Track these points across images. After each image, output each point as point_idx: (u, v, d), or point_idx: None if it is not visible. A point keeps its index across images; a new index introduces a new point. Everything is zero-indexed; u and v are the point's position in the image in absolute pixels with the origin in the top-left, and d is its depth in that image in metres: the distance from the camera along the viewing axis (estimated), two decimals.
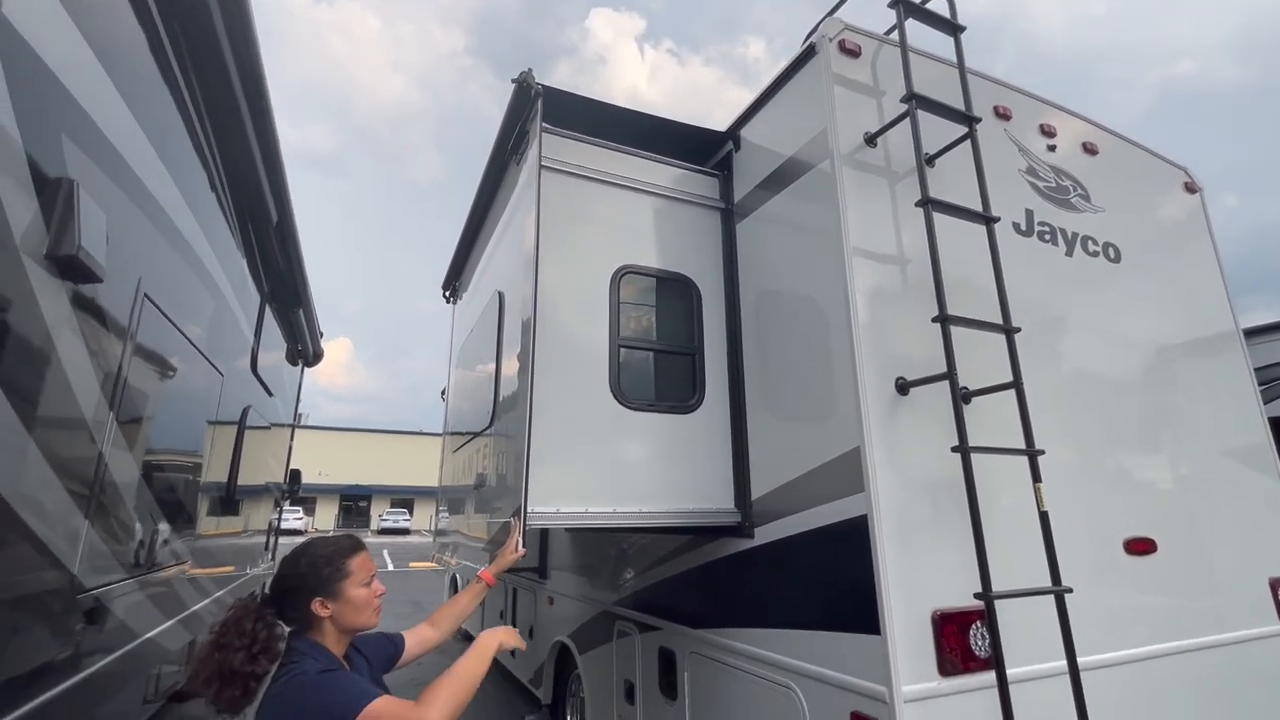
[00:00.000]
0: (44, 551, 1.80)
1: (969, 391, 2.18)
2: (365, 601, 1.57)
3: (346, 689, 1.40)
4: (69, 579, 1.93)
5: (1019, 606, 2.03)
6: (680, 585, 3.05)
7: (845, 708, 1.98)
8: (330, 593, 1.53)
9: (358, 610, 1.56)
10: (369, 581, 1.59)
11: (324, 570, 1.54)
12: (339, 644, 1.57)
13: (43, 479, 1.75)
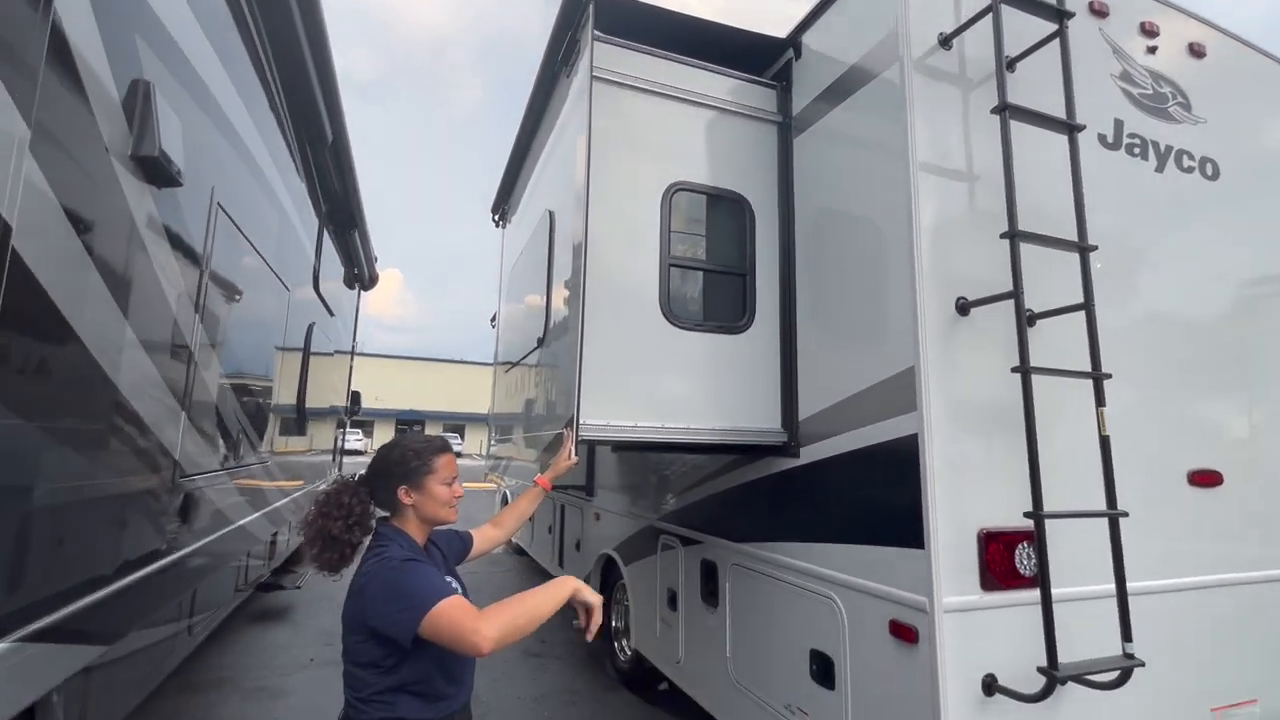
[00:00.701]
0: (153, 439, 2.01)
1: (1034, 314, 2.09)
2: (445, 498, 1.66)
3: (424, 581, 1.48)
4: (173, 464, 2.16)
5: (1067, 530, 2.02)
6: (723, 502, 3.15)
7: (884, 616, 2.05)
8: (415, 484, 1.63)
9: (437, 505, 1.65)
10: (450, 482, 1.68)
11: (412, 463, 1.64)
12: (419, 533, 1.68)
13: (147, 374, 1.93)
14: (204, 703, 4.03)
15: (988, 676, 1.90)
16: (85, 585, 1.86)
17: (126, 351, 1.82)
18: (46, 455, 1.61)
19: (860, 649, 2.16)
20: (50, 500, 1.66)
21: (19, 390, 1.43)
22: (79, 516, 1.81)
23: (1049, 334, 2.12)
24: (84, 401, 1.73)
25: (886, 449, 2.12)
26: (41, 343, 1.52)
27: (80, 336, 1.62)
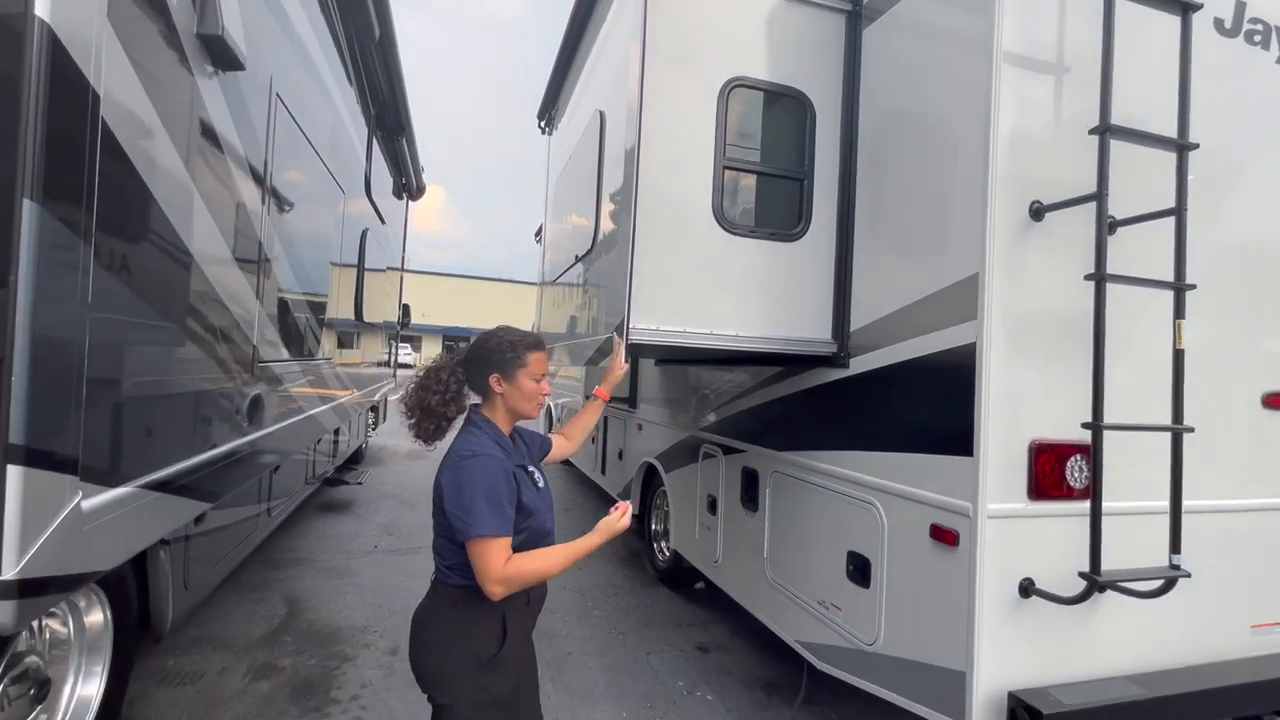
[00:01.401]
0: (232, 322, 2.17)
1: (1115, 220, 1.97)
2: (532, 393, 1.70)
3: (481, 503, 1.50)
4: (252, 349, 2.32)
5: (1121, 446, 1.98)
6: (767, 414, 3.18)
7: (925, 521, 2.09)
8: (506, 374, 1.68)
9: (524, 398, 1.69)
10: (539, 379, 1.71)
11: (507, 354, 1.68)
12: (505, 423, 1.73)
13: (222, 256, 2.06)
14: (285, 577, 4.48)
15: (1025, 580, 1.94)
16: (186, 449, 2.08)
17: (201, 230, 1.95)
18: (148, 330, 1.76)
19: (898, 551, 2.22)
20: (154, 373, 1.82)
21: (120, 260, 1.55)
22: (178, 388, 2.01)
23: (1129, 244, 1.99)
24: (172, 275, 1.89)
25: (941, 359, 2.09)
26: (132, 216, 1.63)
27: (163, 209, 1.74)
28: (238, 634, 3.55)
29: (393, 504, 6.84)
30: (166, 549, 2.48)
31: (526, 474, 1.69)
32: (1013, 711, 1.85)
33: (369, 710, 2.87)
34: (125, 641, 2.28)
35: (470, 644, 1.55)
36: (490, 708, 1.57)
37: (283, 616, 3.82)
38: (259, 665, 3.22)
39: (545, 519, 1.67)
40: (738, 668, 3.49)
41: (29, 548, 1.10)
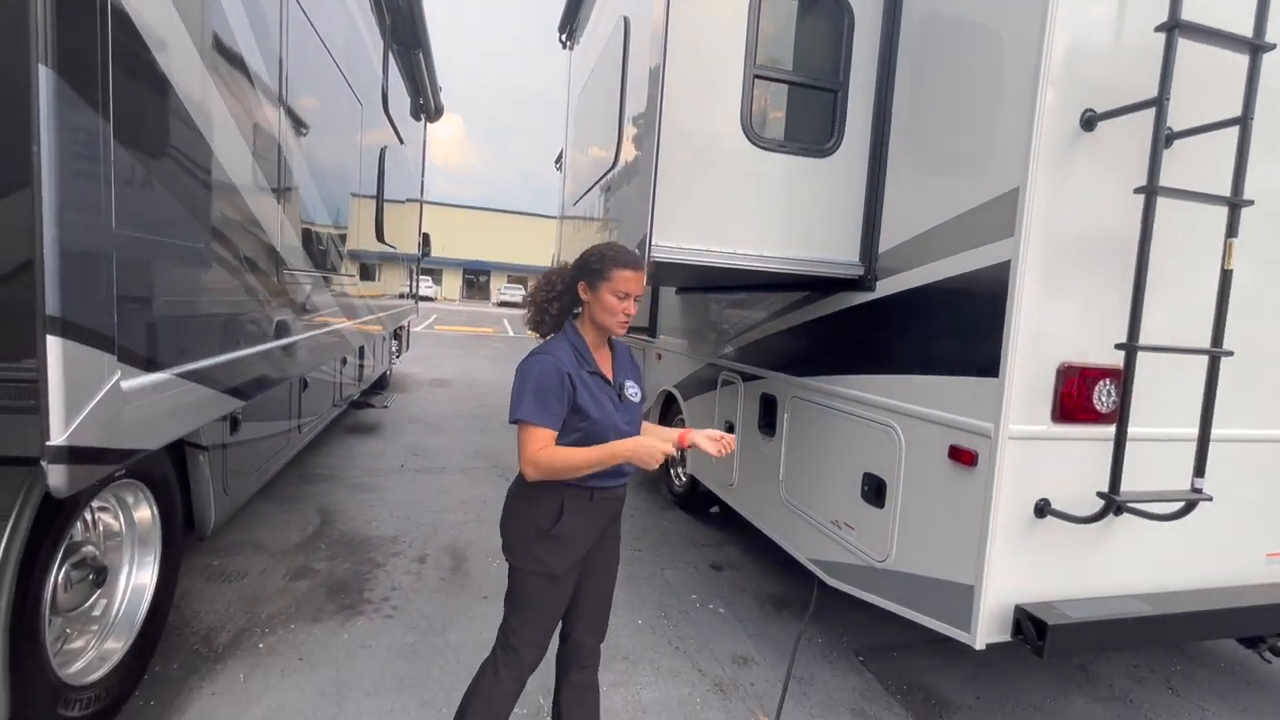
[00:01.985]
0: (253, 223, 2.21)
1: (1173, 133, 1.84)
2: (611, 307, 1.72)
3: (530, 394, 1.64)
4: (275, 255, 2.36)
5: (1155, 371, 1.94)
6: (787, 340, 3.16)
7: (944, 442, 2.09)
8: (592, 284, 1.73)
9: (604, 310, 1.73)
10: (623, 297, 1.72)
11: (597, 265, 1.73)
12: (594, 334, 1.79)
13: (240, 156, 2.07)
14: (317, 491, 4.70)
15: (1041, 501, 1.95)
16: (216, 345, 2.18)
17: (219, 121, 1.97)
18: (169, 217, 1.80)
19: (914, 471, 2.23)
20: (179, 263, 1.88)
21: (137, 141, 1.57)
22: (204, 283, 2.08)
23: (1184, 158, 1.88)
24: (190, 165, 1.91)
25: (972, 279, 2.03)
26: (147, 100, 1.63)
27: (179, 96, 1.76)
28: (276, 540, 3.76)
29: (417, 428, 7.05)
30: (205, 455, 2.61)
31: (597, 378, 1.75)
32: (1018, 623, 1.91)
33: (399, 610, 3.06)
34: (173, 538, 2.43)
35: (531, 517, 1.73)
36: (542, 578, 1.73)
37: (316, 526, 4.02)
38: (297, 567, 3.43)
39: (607, 429, 1.70)
40: (749, 584, 3.62)
41: (75, 417, 1.16)
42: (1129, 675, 2.94)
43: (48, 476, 1.18)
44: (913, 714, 2.54)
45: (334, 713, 2.29)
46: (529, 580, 1.75)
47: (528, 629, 1.78)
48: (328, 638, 2.77)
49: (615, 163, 2.96)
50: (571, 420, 1.68)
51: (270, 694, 2.37)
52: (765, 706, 2.52)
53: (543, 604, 1.78)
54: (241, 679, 2.44)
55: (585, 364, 1.74)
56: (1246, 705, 2.77)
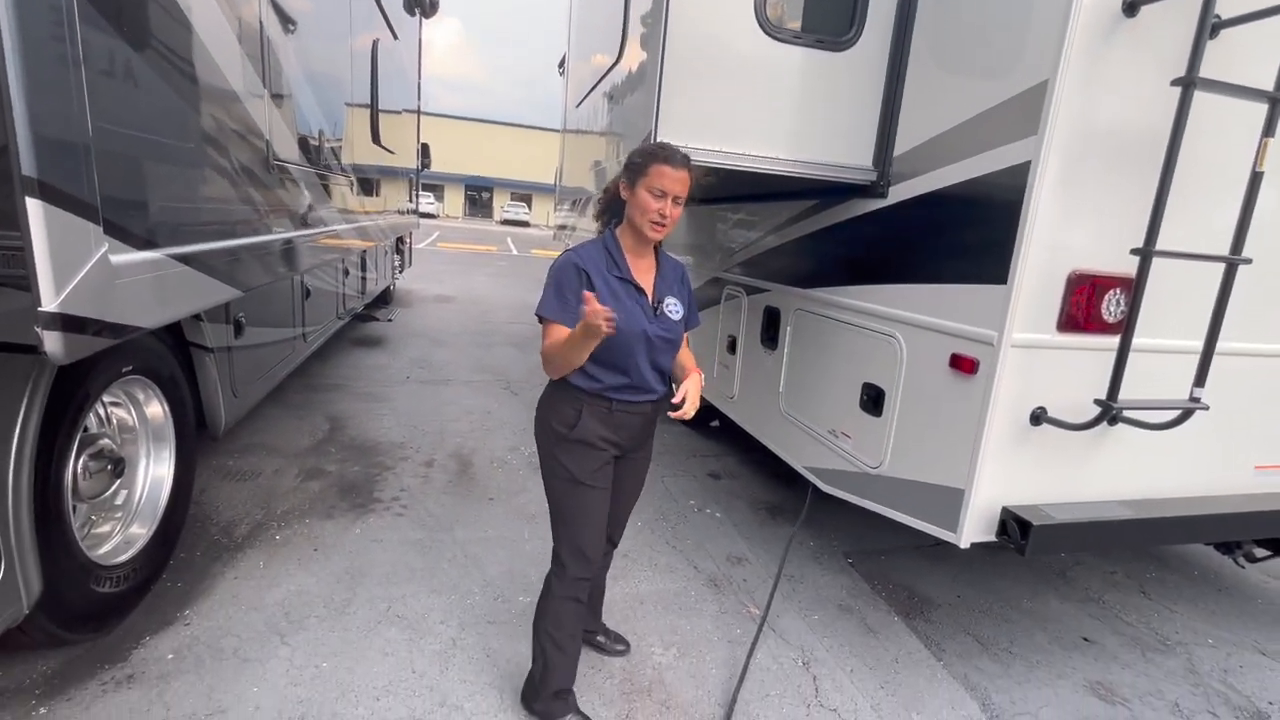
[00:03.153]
0: (239, 107, 2.13)
1: (1220, 20, 1.71)
2: (645, 205, 1.61)
3: (554, 294, 1.65)
4: (265, 143, 2.29)
5: (1167, 282, 1.90)
6: (793, 252, 3.10)
7: (946, 350, 2.09)
8: (631, 181, 1.65)
9: (639, 211, 1.63)
10: (659, 195, 1.60)
11: (638, 159, 1.64)
12: (634, 242, 1.70)
13: (225, 39, 1.97)
14: (325, 399, 4.79)
15: (1038, 409, 1.96)
16: (207, 230, 2.17)
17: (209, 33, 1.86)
18: (147, 85, 1.73)
19: (914, 380, 2.24)
20: (159, 134, 1.83)
21: (112, 12, 1.48)
22: (189, 161, 2.04)
23: (1229, 50, 1.75)
24: (168, 33, 1.82)
25: (988, 182, 1.95)
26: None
27: None
28: (288, 443, 3.87)
29: (422, 342, 7.09)
30: (211, 356, 2.64)
31: (627, 287, 1.68)
32: (1004, 524, 1.97)
33: (408, 509, 3.19)
34: (186, 435, 2.50)
35: (552, 421, 1.75)
36: (566, 482, 1.76)
37: (326, 431, 4.13)
38: (309, 468, 3.55)
39: (631, 334, 1.63)
40: (745, 492, 3.75)
41: (64, 284, 1.17)
42: (1104, 580, 3.08)
43: (43, 343, 1.18)
44: (896, 610, 2.69)
45: (349, 597, 2.43)
46: (555, 485, 1.79)
47: (567, 537, 1.79)
48: (341, 532, 2.90)
49: (619, 58, 2.79)
50: None
51: (289, 579, 2.51)
52: (756, 600, 2.66)
53: (574, 510, 1.76)
54: (261, 565, 2.59)
55: (615, 269, 1.68)
56: (1214, 609, 2.92)
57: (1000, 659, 2.43)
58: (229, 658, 2.06)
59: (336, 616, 2.31)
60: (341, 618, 2.31)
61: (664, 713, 2.01)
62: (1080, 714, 2.18)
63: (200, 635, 2.15)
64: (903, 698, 2.18)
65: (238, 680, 1.97)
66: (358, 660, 2.10)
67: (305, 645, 2.15)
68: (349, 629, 2.25)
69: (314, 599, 2.40)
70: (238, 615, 2.27)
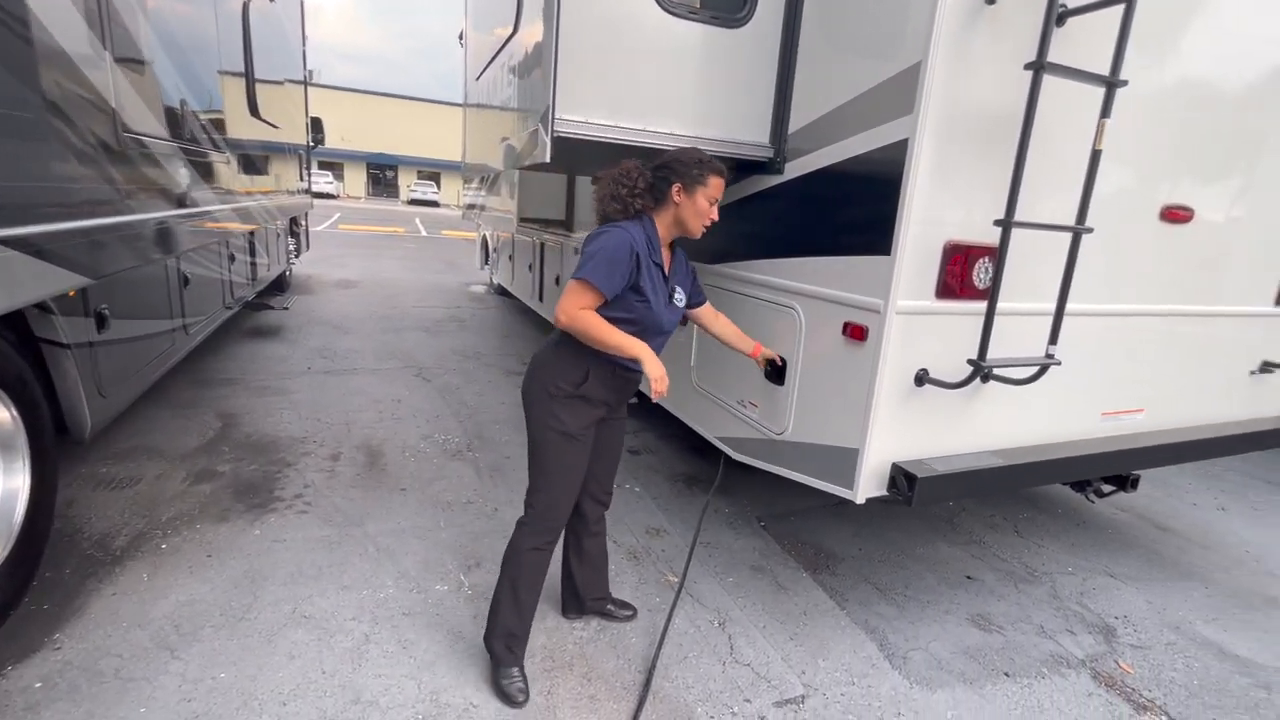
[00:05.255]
0: (76, 70, 1.89)
1: (1066, 10, 1.87)
2: (702, 212, 1.87)
3: (598, 260, 1.74)
4: (111, 114, 2.05)
5: (1031, 252, 2.09)
6: None
7: (840, 320, 2.20)
8: (689, 187, 1.84)
9: (694, 215, 1.87)
10: (713, 203, 1.88)
11: (694, 169, 1.84)
12: (668, 231, 1.92)
13: (59, 9, 1.72)
14: (217, 395, 4.44)
15: (921, 370, 2.12)
16: (41, 212, 1.92)
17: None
18: None
19: (813, 350, 2.36)
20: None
21: None
22: (12, 141, 1.78)
23: (1076, 38, 1.92)
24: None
25: (872, 158, 2.06)
26: None
27: None
28: (172, 445, 3.56)
29: (325, 329, 6.69)
30: (68, 353, 2.37)
31: (658, 269, 1.88)
32: (893, 478, 2.13)
33: (314, 505, 3.03)
34: (42, 443, 2.24)
35: (555, 377, 1.87)
36: (559, 435, 1.89)
37: (218, 430, 3.84)
38: (198, 471, 3.29)
39: (658, 318, 1.86)
40: (663, 466, 3.83)
41: None
42: (984, 523, 3.41)
43: None
44: (804, 566, 2.86)
45: (249, 602, 2.29)
46: (547, 439, 1.90)
47: (549, 489, 1.94)
48: (237, 535, 2.72)
49: (515, 30, 2.70)
50: (628, 299, 1.81)
51: (178, 589, 2.33)
52: (674, 569, 2.75)
53: (560, 462, 1.92)
54: (145, 578, 2.39)
55: (654, 253, 1.85)
56: (1074, 541, 3.30)
57: (896, 602, 2.65)
58: (109, 680, 1.90)
59: (235, 624, 2.18)
60: (241, 624, 2.18)
61: (585, 684, 2.04)
62: (963, 644, 2.42)
63: (73, 659, 1.97)
64: (810, 647, 2.32)
65: (121, 703, 1.82)
66: (260, 667, 1.99)
67: (199, 657, 2.01)
68: (250, 635, 2.13)
69: (208, 608, 2.25)
70: (118, 634, 2.09)
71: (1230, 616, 2.73)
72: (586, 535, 2.22)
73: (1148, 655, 2.43)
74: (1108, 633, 2.56)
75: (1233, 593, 2.92)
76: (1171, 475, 4.22)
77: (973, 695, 2.15)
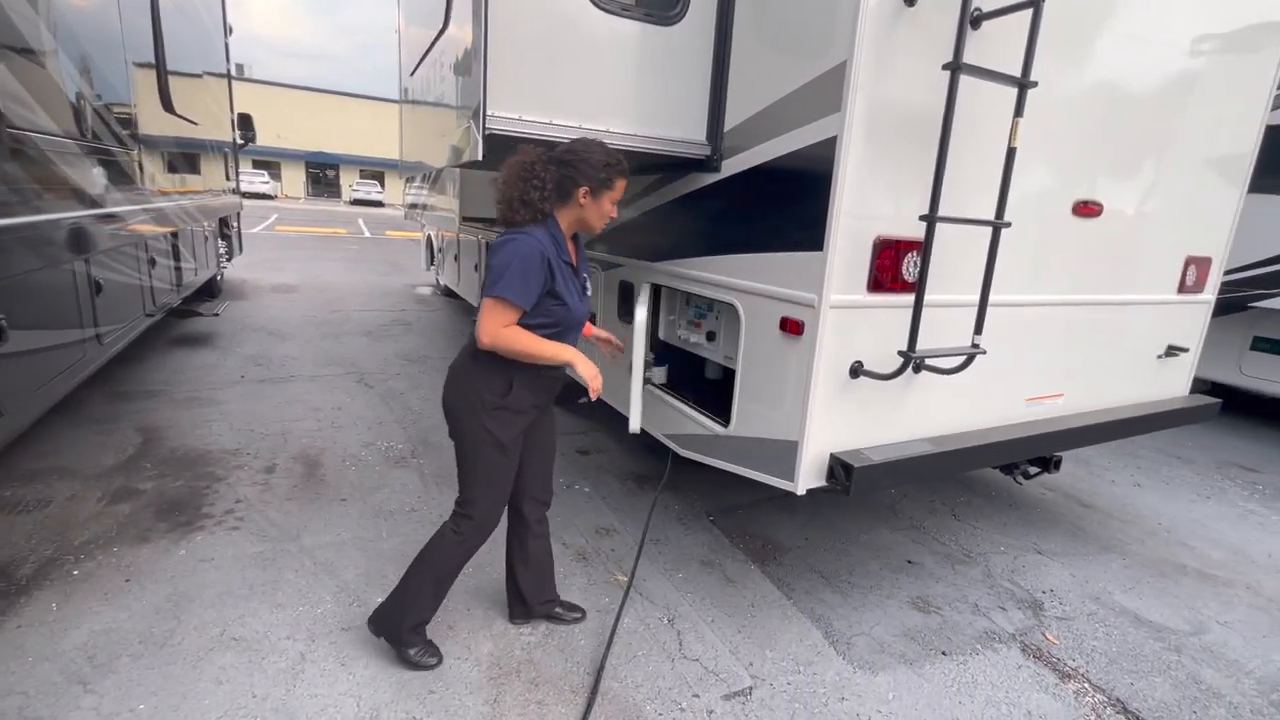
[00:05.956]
0: None
1: (981, 13, 1.95)
2: (607, 213, 1.87)
3: (505, 272, 1.70)
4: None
5: (955, 246, 2.16)
6: (640, 225, 3.15)
7: (777, 314, 2.24)
8: (595, 190, 1.82)
9: (599, 216, 1.86)
10: (615, 204, 1.88)
11: (601, 173, 1.80)
12: (569, 229, 1.89)
13: None
14: (138, 409, 4.18)
15: (855, 363, 2.17)
16: None
17: None
18: None
19: (753, 345, 2.39)
20: None
21: None
22: None
23: (992, 40, 2.00)
24: None
25: (803, 155, 2.09)
26: None
27: None
28: (87, 463, 3.33)
29: (260, 336, 6.40)
30: None
31: (571, 270, 1.88)
32: (832, 469, 2.17)
33: (246, 521, 2.89)
34: None
35: (482, 390, 1.84)
36: (492, 448, 1.88)
37: (138, 445, 3.61)
38: (115, 490, 3.08)
39: (578, 317, 1.88)
40: (613, 465, 3.82)
41: None
42: (924, 508, 3.53)
43: None
44: (752, 558, 2.90)
45: (172, 628, 2.17)
46: (480, 451, 1.88)
47: (483, 499, 1.94)
48: (160, 556, 2.57)
49: (445, 24, 2.63)
50: (546, 305, 1.78)
51: (92, 618, 2.18)
52: (623, 567, 2.74)
53: (494, 473, 1.92)
54: (54, 608, 2.22)
55: (562, 256, 1.83)
56: (1005, 521, 3.46)
57: (840, 589, 2.71)
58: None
59: (156, 651, 2.05)
60: (163, 651, 2.05)
61: (533, 690, 2.01)
62: (904, 626, 2.50)
63: None
64: (758, 638, 2.36)
65: None
66: (185, 695, 1.88)
67: (116, 689, 1.89)
68: (172, 663, 2.01)
69: (126, 636, 2.11)
70: (22, 669, 1.94)
71: (1145, 585, 2.91)
72: (531, 538, 2.19)
73: (1071, 626, 2.57)
74: (1036, 607, 2.69)
75: (1147, 562, 3.12)
76: (1093, 455, 4.47)
77: (912, 676, 2.22)
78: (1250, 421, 5.49)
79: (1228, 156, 2.97)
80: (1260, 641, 2.55)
